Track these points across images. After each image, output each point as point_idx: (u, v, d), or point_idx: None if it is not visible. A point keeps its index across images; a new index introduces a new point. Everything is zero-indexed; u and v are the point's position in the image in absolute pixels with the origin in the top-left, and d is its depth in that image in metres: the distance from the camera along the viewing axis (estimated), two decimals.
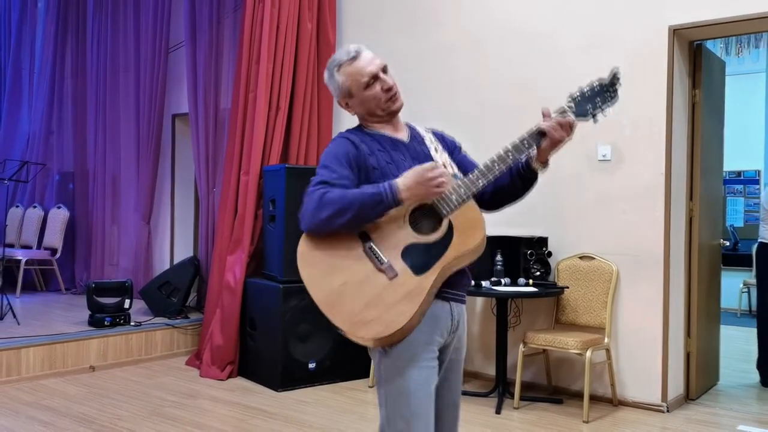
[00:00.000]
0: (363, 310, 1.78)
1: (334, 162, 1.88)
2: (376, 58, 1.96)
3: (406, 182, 1.79)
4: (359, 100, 1.96)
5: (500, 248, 4.35)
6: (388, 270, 1.79)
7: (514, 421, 3.95)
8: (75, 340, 4.84)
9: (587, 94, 1.91)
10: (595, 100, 1.90)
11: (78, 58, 7.73)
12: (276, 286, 4.60)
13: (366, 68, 1.92)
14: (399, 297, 1.78)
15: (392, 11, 5.34)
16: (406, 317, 1.76)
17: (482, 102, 4.84)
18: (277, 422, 3.85)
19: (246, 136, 5.10)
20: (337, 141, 1.96)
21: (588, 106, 1.90)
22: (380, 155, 1.92)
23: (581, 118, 1.90)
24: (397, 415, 1.84)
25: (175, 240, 6.98)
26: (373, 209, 1.79)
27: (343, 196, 1.78)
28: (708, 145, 4.52)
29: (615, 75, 1.87)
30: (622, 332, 4.26)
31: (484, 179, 1.85)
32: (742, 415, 4.12)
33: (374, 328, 1.77)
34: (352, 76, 1.93)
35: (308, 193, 1.83)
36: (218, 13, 6.13)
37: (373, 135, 1.98)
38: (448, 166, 1.97)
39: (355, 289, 1.79)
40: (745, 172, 8.79)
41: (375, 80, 1.93)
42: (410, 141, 2.01)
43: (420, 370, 1.85)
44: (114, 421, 3.78)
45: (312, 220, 1.80)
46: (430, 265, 1.80)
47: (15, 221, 7.72)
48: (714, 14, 3.98)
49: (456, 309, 1.95)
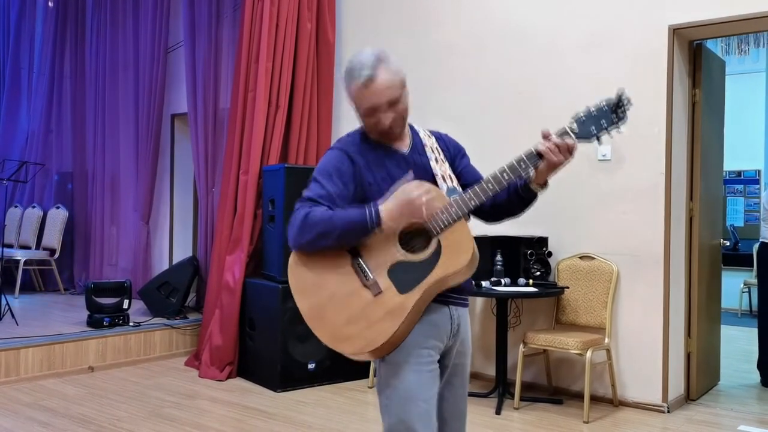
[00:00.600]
0: (345, 325, 1.79)
1: (324, 177, 1.87)
2: (389, 88, 1.83)
3: (390, 209, 1.77)
4: (361, 118, 1.93)
5: (500, 248, 4.34)
6: (373, 286, 1.79)
7: (515, 421, 3.94)
8: (74, 340, 4.83)
9: (593, 114, 1.81)
10: (600, 122, 1.81)
11: (77, 57, 7.72)
12: (275, 287, 4.59)
13: (370, 99, 1.84)
14: (381, 314, 1.78)
15: (392, 10, 5.33)
16: (386, 335, 1.76)
17: (481, 102, 4.82)
18: (276, 423, 3.84)
19: (245, 135, 5.10)
20: (332, 154, 1.92)
21: (592, 128, 1.81)
22: (376, 170, 1.90)
23: (583, 140, 1.82)
24: (398, 421, 1.82)
25: (174, 240, 6.97)
26: (356, 235, 1.79)
27: (325, 219, 1.78)
28: (708, 145, 4.51)
29: (621, 96, 1.79)
30: (622, 332, 4.25)
31: (476, 200, 1.82)
32: (742, 415, 4.11)
33: (355, 344, 1.78)
34: (358, 99, 1.87)
35: (295, 210, 1.84)
36: (217, 13, 6.12)
37: (373, 145, 1.94)
38: (447, 179, 1.93)
39: (340, 303, 1.80)
40: (745, 171, 8.78)
41: (376, 112, 1.87)
42: (410, 152, 1.96)
43: (419, 374, 1.83)
44: (113, 422, 3.77)
45: (296, 241, 1.83)
46: (415, 284, 1.79)
47: (14, 221, 7.70)
48: (714, 14, 3.97)
49: (456, 312, 1.93)
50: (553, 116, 4.64)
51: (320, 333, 1.82)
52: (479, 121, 4.80)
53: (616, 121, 1.80)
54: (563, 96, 4.46)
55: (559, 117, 4.48)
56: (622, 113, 1.80)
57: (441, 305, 1.88)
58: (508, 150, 4.65)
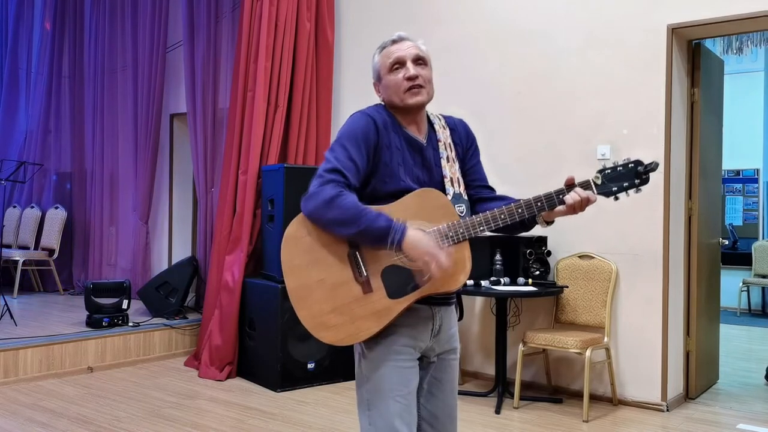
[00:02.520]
0: (329, 313, 1.79)
1: (352, 143, 1.81)
2: (415, 47, 1.89)
3: (414, 244, 1.72)
4: (384, 84, 1.91)
5: (499, 248, 4.34)
6: (364, 284, 1.79)
7: (514, 420, 3.94)
8: (73, 340, 4.82)
9: (619, 172, 1.83)
10: (623, 182, 1.83)
11: (75, 57, 7.71)
12: (275, 286, 4.59)
13: (396, 52, 1.88)
14: (367, 313, 1.78)
15: (391, 10, 5.33)
16: (368, 333, 1.79)
17: (479, 102, 4.82)
18: (276, 423, 3.84)
19: (244, 135, 5.09)
20: (361, 119, 1.85)
21: (613, 187, 1.84)
22: (396, 153, 1.86)
23: (602, 195, 1.85)
24: (378, 416, 1.83)
25: (173, 240, 6.97)
26: (371, 241, 1.76)
27: (354, 212, 1.73)
28: (707, 144, 4.51)
29: (652, 164, 1.80)
30: (621, 331, 4.25)
31: (485, 227, 1.82)
32: (742, 413, 4.11)
33: (335, 335, 1.80)
34: (383, 58, 1.90)
35: (321, 180, 1.77)
36: (216, 13, 6.11)
37: (395, 125, 1.90)
38: (455, 183, 1.92)
39: (329, 290, 1.80)
40: (744, 170, 8.79)
41: (401, 66, 1.87)
42: (427, 144, 1.94)
43: (398, 371, 1.84)
44: (112, 422, 3.76)
45: (315, 213, 1.77)
46: (405, 293, 1.78)
47: (12, 222, 7.69)
48: (713, 13, 3.97)
49: (439, 313, 1.91)
50: (552, 116, 4.68)
51: (302, 314, 1.81)
52: (478, 121, 4.79)
53: (638, 184, 1.82)
54: (562, 96, 4.46)
55: (557, 117, 4.51)
56: (646, 178, 1.81)
57: (422, 305, 1.86)
58: (507, 150, 4.67)
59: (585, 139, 4.37)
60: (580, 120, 4.37)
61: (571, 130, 4.41)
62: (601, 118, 4.32)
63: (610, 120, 4.30)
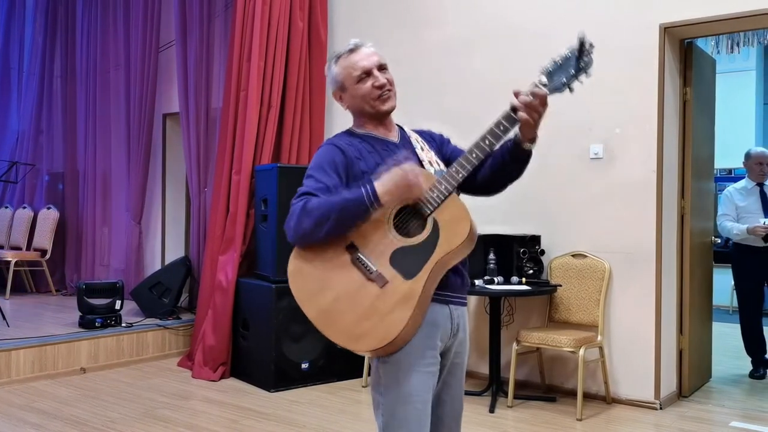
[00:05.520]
0: (358, 323, 1.75)
1: (318, 171, 1.86)
2: (375, 54, 1.93)
3: (385, 183, 1.76)
4: (350, 94, 1.93)
5: (493, 247, 4.34)
6: (378, 279, 1.77)
7: (508, 419, 3.95)
8: (65, 341, 4.80)
9: (559, 65, 1.83)
10: (568, 70, 1.82)
11: (67, 57, 7.68)
12: (268, 286, 4.58)
13: (360, 62, 1.90)
14: (392, 305, 1.75)
15: (384, 10, 5.33)
16: (401, 325, 1.74)
17: (473, 102, 4.82)
18: (270, 423, 3.83)
19: (237, 135, 5.08)
20: (324, 149, 1.93)
21: (561, 78, 1.83)
22: (370, 157, 1.89)
23: (556, 91, 1.83)
24: (395, 422, 1.82)
25: (166, 240, 6.94)
26: (355, 214, 1.76)
27: (322, 203, 1.76)
28: (699, 143, 4.53)
29: (582, 41, 1.80)
30: (615, 330, 4.26)
31: (463, 171, 1.81)
32: (734, 411, 4.13)
33: (371, 341, 1.75)
34: (346, 69, 1.92)
35: (292, 205, 1.82)
36: (209, 12, 6.09)
37: (363, 136, 1.95)
38: (433, 164, 1.94)
39: (348, 303, 1.77)
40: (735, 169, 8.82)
41: (367, 76, 1.90)
42: (399, 141, 1.98)
43: (420, 375, 1.82)
44: (106, 424, 3.75)
45: (297, 231, 1.79)
46: (420, 267, 1.77)
47: (4, 222, 7.65)
48: (705, 13, 3.98)
49: (456, 312, 1.92)
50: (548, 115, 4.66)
51: (335, 337, 1.78)
52: (472, 121, 4.76)
53: (582, 66, 1.81)
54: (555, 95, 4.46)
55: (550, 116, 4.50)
56: (587, 58, 1.81)
57: (442, 305, 1.87)
58: None
59: (578, 138, 4.38)
60: (573, 119, 4.38)
61: (564, 130, 4.42)
62: (594, 117, 4.33)
63: (603, 119, 4.31)
